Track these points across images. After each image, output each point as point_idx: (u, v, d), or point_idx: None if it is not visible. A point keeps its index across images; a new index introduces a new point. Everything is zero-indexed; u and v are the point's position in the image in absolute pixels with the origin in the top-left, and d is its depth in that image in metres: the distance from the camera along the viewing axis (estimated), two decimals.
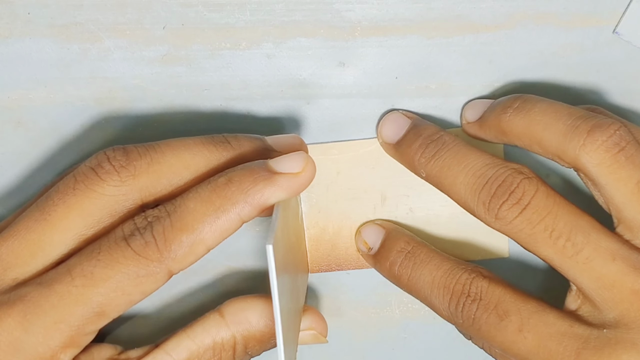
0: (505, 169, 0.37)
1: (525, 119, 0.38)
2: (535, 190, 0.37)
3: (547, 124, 0.37)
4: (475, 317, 0.37)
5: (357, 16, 0.42)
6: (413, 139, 0.40)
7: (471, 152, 0.39)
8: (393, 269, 0.41)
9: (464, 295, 0.38)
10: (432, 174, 0.39)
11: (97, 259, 0.35)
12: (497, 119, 0.39)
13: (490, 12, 0.42)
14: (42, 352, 0.35)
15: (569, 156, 0.37)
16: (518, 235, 0.37)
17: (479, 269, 0.39)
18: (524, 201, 0.36)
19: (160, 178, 0.37)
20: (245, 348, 0.39)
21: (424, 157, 0.39)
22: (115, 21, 0.42)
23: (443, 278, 0.39)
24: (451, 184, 0.38)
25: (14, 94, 0.42)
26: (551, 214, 0.36)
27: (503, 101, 0.39)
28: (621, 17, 0.42)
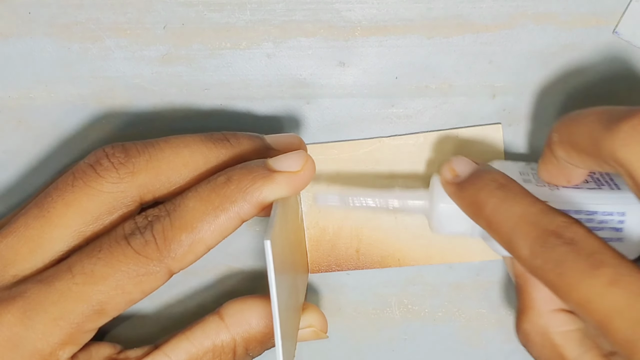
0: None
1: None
2: None
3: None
4: (564, 259, 0.33)
5: (357, 16, 0.42)
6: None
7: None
8: (479, 195, 0.37)
9: (555, 235, 0.33)
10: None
11: (97, 257, 0.35)
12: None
13: (490, 12, 0.42)
14: (41, 348, 0.35)
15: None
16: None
17: (577, 219, 0.35)
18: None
19: (158, 175, 0.37)
20: (246, 350, 0.39)
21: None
22: (115, 20, 0.42)
23: (535, 215, 0.35)
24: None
25: (15, 93, 0.42)
26: None
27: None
28: (621, 17, 0.42)
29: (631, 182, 0.33)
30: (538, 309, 0.38)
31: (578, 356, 0.37)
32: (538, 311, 0.38)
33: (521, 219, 0.35)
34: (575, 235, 0.33)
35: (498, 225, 0.36)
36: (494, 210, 0.36)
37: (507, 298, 0.45)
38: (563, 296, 0.33)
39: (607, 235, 0.37)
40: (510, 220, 0.35)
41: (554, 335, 0.38)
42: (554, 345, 0.38)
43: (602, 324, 0.32)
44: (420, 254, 0.44)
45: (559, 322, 0.38)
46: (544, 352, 0.38)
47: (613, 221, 0.37)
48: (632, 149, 0.32)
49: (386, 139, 0.43)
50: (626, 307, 0.31)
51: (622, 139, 0.32)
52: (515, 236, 0.35)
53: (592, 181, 0.38)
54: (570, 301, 0.33)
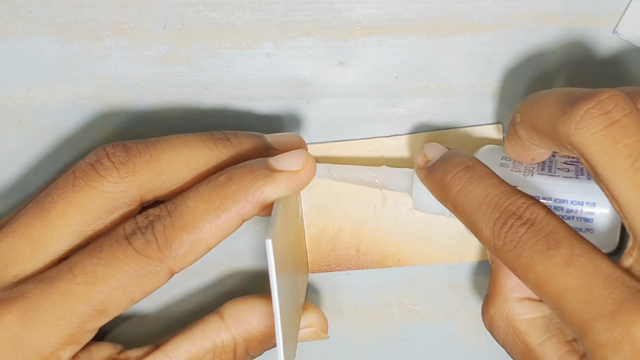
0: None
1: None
2: (629, 109, 0.32)
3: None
4: (521, 240, 0.33)
5: (357, 16, 0.42)
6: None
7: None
8: (445, 178, 0.37)
9: (514, 217, 0.34)
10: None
11: (98, 257, 0.35)
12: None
13: (490, 11, 0.42)
14: (43, 348, 0.35)
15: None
16: (594, 152, 0.32)
17: (538, 200, 0.35)
18: (614, 115, 0.32)
19: (159, 175, 0.37)
20: (246, 350, 0.39)
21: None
22: (115, 20, 0.42)
23: (497, 197, 0.35)
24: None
25: (15, 92, 0.42)
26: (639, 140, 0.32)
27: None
28: (621, 17, 0.42)
29: (587, 165, 0.33)
30: (504, 296, 0.38)
31: (541, 342, 0.37)
32: (504, 297, 0.38)
33: (484, 200, 0.35)
34: (534, 216, 0.34)
35: (462, 207, 0.36)
36: (459, 192, 0.36)
37: None
38: (522, 277, 0.34)
39: (577, 225, 0.37)
40: (473, 202, 0.35)
41: (518, 322, 0.38)
42: (518, 331, 0.38)
43: (557, 304, 0.32)
44: (420, 254, 0.44)
45: (525, 309, 0.38)
46: (507, 338, 0.38)
47: (582, 211, 0.37)
48: (585, 133, 0.32)
49: (386, 138, 0.43)
50: (580, 287, 0.32)
51: (577, 123, 0.32)
52: (478, 218, 0.35)
53: (573, 170, 0.38)
54: (528, 281, 0.33)
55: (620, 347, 0.30)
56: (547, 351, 0.37)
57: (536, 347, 0.37)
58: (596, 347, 0.31)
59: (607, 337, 0.31)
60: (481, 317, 0.40)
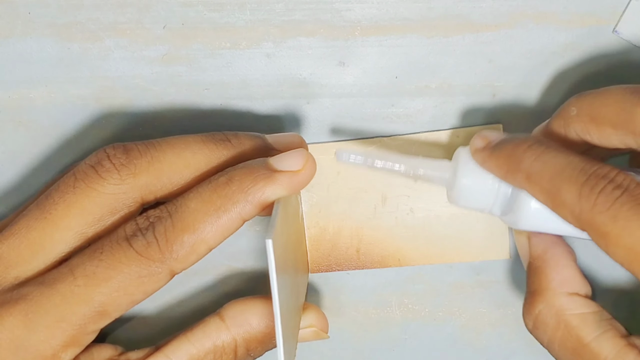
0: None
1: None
2: None
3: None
4: (617, 203, 0.32)
5: (357, 16, 0.42)
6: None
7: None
8: (518, 149, 0.36)
9: (606, 179, 0.32)
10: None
11: (99, 259, 0.35)
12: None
13: (490, 11, 0.42)
14: (44, 350, 0.35)
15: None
16: None
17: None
18: None
19: (160, 176, 0.37)
20: (247, 350, 0.39)
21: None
22: (115, 21, 0.42)
23: (582, 162, 0.33)
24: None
25: (15, 93, 0.42)
26: None
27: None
28: (621, 16, 0.42)
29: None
30: (554, 290, 0.38)
31: (596, 337, 0.36)
32: (554, 292, 0.38)
33: (568, 165, 0.34)
34: (627, 182, 0.32)
35: (539, 175, 0.34)
36: (535, 161, 0.35)
37: (507, 298, 0.45)
38: (613, 243, 0.32)
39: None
40: (554, 168, 0.34)
41: (569, 317, 0.37)
42: (570, 327, 0.37)
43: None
44: (420, 253, 0.44)
45: (576, 304, 0.37)
46: (557, 334, 0.37)
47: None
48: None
49: (386, 138, 0.43)
50: None
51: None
52: (561, 182, 0.33)
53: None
54: (619, 248, 0.32)
55: None
56: (603, 346, 0.36)
57: (591, 342, 0.36)
58: None
59: None
60: (523, 317, 0.39)
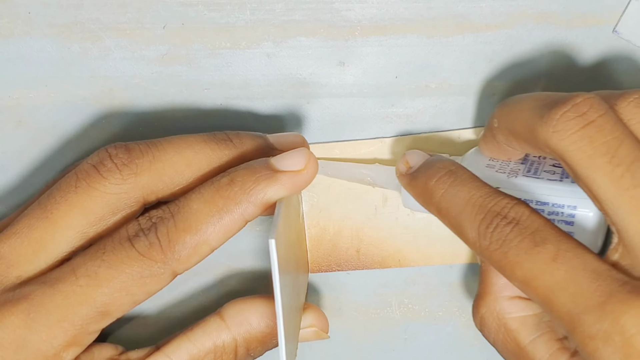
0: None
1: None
2: (604, 110, 0.33)
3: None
4: (507, 239, 0.34)
5: (357, 15, 0.42)
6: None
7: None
8: (429, 183, 0.37)
9: (499, 217, 0.34)
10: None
11: (101, 259, 0.35)
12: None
13: (490, 11, 0.42)
14: (45, 350, 0.35)
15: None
16: (572, 153, 0.33)
17: (522, 200, 0.35)
18: (589, 116, 0.33)
19: (162, 176, 0.37)
20: (247, 350, 0.39)
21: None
22: (115, 20, 0.41)
23: (481, 198, 0.35)
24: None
25: (15, 93, 0.42)
26: (616, 139, 0.33)
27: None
28: (621, 16, 0.42)
29: (566, 167, 0.34)
30: (495, 294, 0.39)
31: (532, 341, 0.37)
32: (495, 296, 0.38)
33: (468, 202, 0.35)
34: (518, 215, 0.34)
35: (447, 211, 0.36)
36: (443, 196, 0.37)
37: None
38: (509, 275, 0.34)
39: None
40: (458, 204, 0.36)
41: (509, 321, 0.38)
42: (509, 330, 0.38)
43: (546, 301, 0.33)
44: (420, 254, 0.44)
45: (515, 307, 0.38)
46: (498, 336, 0.38)
47: (564, 214, 0.37)
48: (563, 136, 0.33)
49: (388, 139, 0.43)
50: (568, 281, 0.32)
51: (554, 127, 0.33)
52: (463, 219, 0.35)
53: (559, 173, 0.38)
54: (515, 279, 0.34)
55: (611, 338, 0.30)
56: (538, 349, 0.37)
57: (527, 345, 0.37)
58: (586, 340, 0.31)
59: (597, 328, 0.31)
60: (472, 317, 0.40)
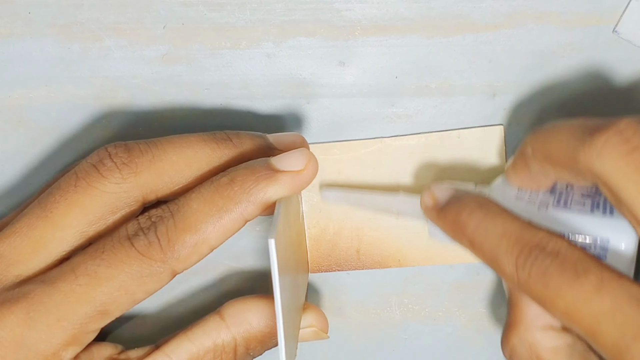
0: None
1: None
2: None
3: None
4: (548, 271, 0.33)
5: (357, 15, 0.42)
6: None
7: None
8: (460, 217, 0.37)
9: (538, 249, 0.34)
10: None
11: (101, 259, 0.35)
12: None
13: (490, 11, 0.42)
14: (45, 349, 0.35)
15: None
16: (618, 179, 0.32)
17: (558, 233, 0.35)
18: (634, 142, 0.32)
19: (162, 175, 0.37)
20: (246, 349, 0.39)
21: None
22: (115, 20, 0.42)
23: (517, 230, 0.35)
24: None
25: (15, 93, 0.42)
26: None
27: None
28: (621, 16, 0.42)
29: (609, 193, 0.33)
30: (527, 324, 0.38)
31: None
32: (527, 326, 0.38)
33: (503, 235, 0.35)
34: (558, 247, 0.34)
35: (481, 244, 0.36)
36: (476, 229, 0.36)
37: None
38: (550, 307, 0.34)
39: None
40: (492, 237, 0.35)
41: (541, 351, 0.38)
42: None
43: (590, 331, 0.32)
44: (420, 254, 0.44)
45: (548, 338, 0.38)
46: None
47: (597, 246, 0.37)
48: (607, 161, 0.32)
49: (387, 139, 0.43)
50: (612, 311, 0.32)
51: (598, 152, 0.33)
52: (499, 253, 0.35)
53: (589, 204, 0.38)
54: (557, 311, 0.33)
55: None
56: None
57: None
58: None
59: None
60: (501, 347, 0.39)
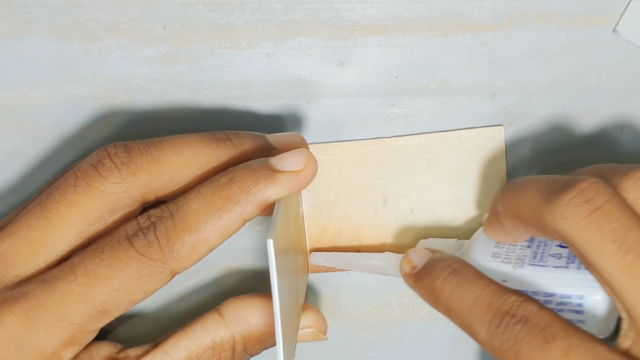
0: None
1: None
2: (611, 195, 0.33)
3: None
4: (518, 338, 0.34)
5: (357, 15, 0.42)
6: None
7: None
8: (435, 284, 0.38)
9: (509, 316, 0.34)
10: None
11: (100, 258, 0.35)
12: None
13: (490, 11, 0.42)
14: (44, 349, 0.35)
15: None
16: (581, 239, 0.33)
17: (529, 296, 0.36)
18: (596, 202, 0.33)
19: (161, 175, 0.37)
20: (244, 348, 0.39)
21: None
22: (115, 20, 0.42)
23: (489, 297, 0.36)
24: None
25: (15, 93, 0.42)
26: (624, 225, 0.33)
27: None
28: (621, 16, 0.42)
29: (576, 252, 0.34)
30: None
31: None
32: None
33: (476, 302, 0.36)
34: (527, 312, 0.34)
35: (456, 311, 0.37)
36: (450, 297, 0.37)
37: None
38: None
39: (568, 317, 0.36)
40: (466, 305, 0.36)
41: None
42: None
43: None
44: None
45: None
46: None
47: (572, 303, 0.37)
48: (570, 223, 0.33)
49: (387, 139, 0.43)
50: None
51: (561, 213, 0.33)
52: (473, 320, 0.36)
53: (565, 256, 0.38)
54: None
55: None
56: None
57: None
58: None
59: None
60: None
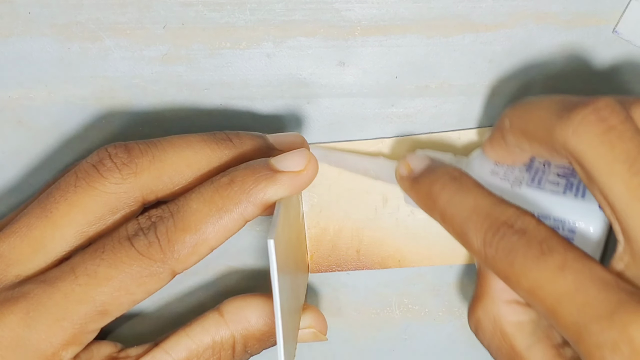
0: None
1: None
2: (624, 117, 0.33)
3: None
4: (514, 248, 0.33)
5: (357, 15, 0.42)
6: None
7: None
8: (433, 188, 0.37)
9: (506, 226, 0.34)
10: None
11: (100, 258, 0.35)
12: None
13: (490, 11, 0.42)
14: (44, 349, 0.35)
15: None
16: (591, 157, 0.32)
17: (528, 210, 0.35)
18: (611, 121, 0.32)
19: (161, 176, 0.37)
20: (244, 347, 0.39)
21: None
22: (115, 20, 0.42)
23: (487, 206, 0.35)
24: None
25: (15, 93, 0.42)
26: (636, 147, 0.32)
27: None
28: (621, 16, 0.42)
29: (581, 172, 0.33)
30: (493, 297, 0.38)
31: (528, 346, 0.37)
32: (492, 299, 0.38)
33: (474, 210, 0.35)
34: (525, 225, 0.34)
35: (451, 218, 0.36)
36: (447, 202, 0.36)
37: None
38: (514, 285, 0.34)
39: None
40: (462, 212, 0.35)
41: (505, 325, 0.38)
42: (505, 334, 0.37)
43: (551, 310, 0.32)
44: (420, 254, 0.44)
45: (512, 312, 0.38)
46: (494, 340, 0.38)
47: (565, 228, 0.37)
48: (582, 139, 0.33)
49: (388, 140, 0.43)
50: (574, 291, 0.32)
51: (574, 129, 0.33)
52: (468, 227, 0.35)
53: (562, 184, 0.38)
54: (520, 289, 0.33)
55: (618, 347, 0.30)
56: (534, 355, 0.37)
57: (523, 351, 0.37)
58: (593, 349, 0.31)
59: (604, 337, 0.31)
60: (467, 319, 0.40)
